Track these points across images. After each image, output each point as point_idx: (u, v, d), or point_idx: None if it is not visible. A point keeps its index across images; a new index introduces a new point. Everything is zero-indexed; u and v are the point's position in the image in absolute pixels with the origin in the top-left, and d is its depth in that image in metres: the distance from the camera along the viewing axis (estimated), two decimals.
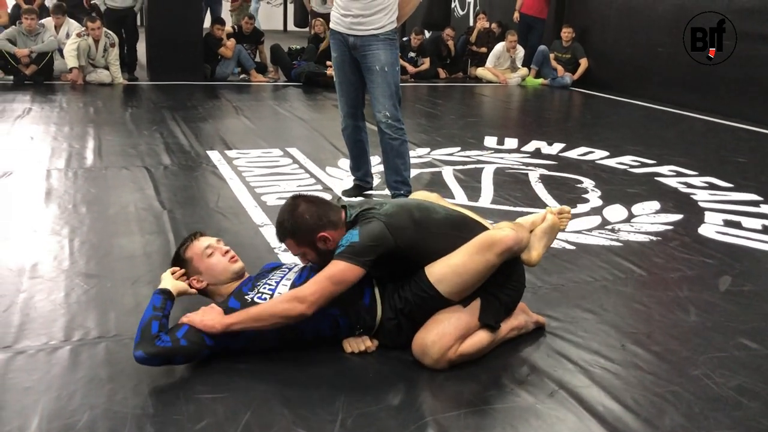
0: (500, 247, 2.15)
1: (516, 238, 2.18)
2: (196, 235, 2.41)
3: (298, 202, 2.28)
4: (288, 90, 8.41)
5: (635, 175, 4.80)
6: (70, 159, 4.62)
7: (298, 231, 2.24)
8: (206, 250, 2.32)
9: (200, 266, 2.31)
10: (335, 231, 2.24)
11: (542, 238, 2.50)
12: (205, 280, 2.31)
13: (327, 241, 2.23)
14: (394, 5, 3.64)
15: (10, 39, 7.65)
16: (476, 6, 11.82)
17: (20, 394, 1.96)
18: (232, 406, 1.94)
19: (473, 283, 2.20)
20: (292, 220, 2.25)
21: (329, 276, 2.10)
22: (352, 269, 2.11)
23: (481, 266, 2.17)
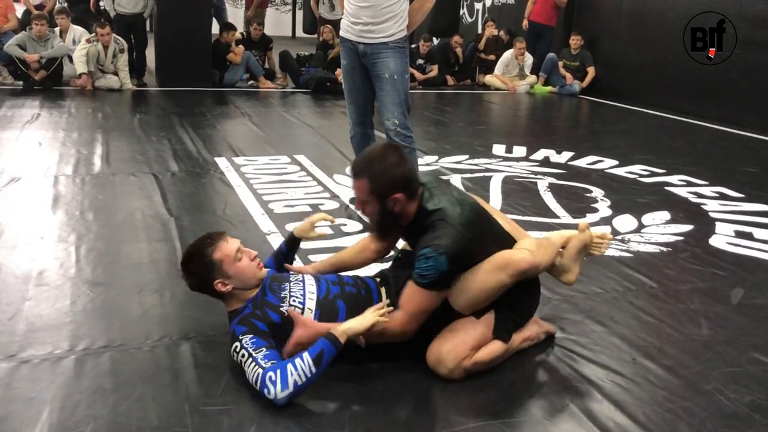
0: (514, 269, 2.13)
1: (531, 261, 2.15)
2: (222, 235, 2.26)
3: (393, 150, 2.17)
4: (296, 97, 8.42)
5: (645, 184, 4.76)
6: (78, 165, 4.62)
7: (381, 178, 2.11)
8: (237, 253, 2.20)
9: (230, 270, 2.17)
10: (408, 201, 2.16)
11: (577, 259, 2.42)
12: (231, 284, 2.19)
13: (396, 204, 2.14)
14: (405, 13, 3.63)
15: (20, 44, 7.69)
16: (485, 13, 11.81)
17: (24, 405, 1.95)
18: (238, 418, 1.92)
19: (484, 300, 2.18)
20: (382, 164, 2.13)
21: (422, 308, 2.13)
22: (439, 296, 2.14)
23: (493, 284, 2.14)
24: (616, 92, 9.05)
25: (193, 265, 2.21)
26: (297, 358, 1.96)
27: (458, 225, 2.12)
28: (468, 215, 2.17)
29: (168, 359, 2.21)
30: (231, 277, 2.18)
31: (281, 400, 1.93)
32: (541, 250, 2.26)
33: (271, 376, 1.94)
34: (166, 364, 2.19)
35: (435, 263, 2.06)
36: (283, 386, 1.93)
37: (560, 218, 3.87)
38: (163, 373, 2.14)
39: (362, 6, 3.58)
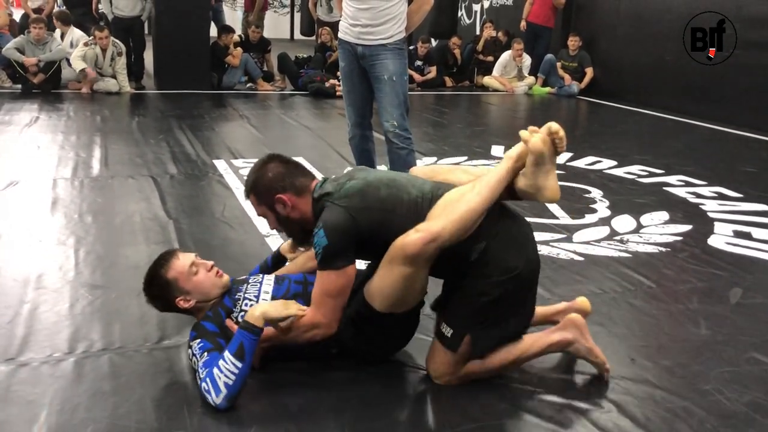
0: (406, 256, 1.93)
1: (422, 239, 1.91)
2: (172, 253, 2.25)
3: (269, 159, 2.20)
4: (295, 99, 8.42)
5: (643, 184, 4.76)
6: (76, 168, 4.62)
7: (258, 187, 2.15)
8: (191, 267, 2.18)
9: (187, 285, 2.17)
10: (297, 197, 2.12)
11: (540, 171, 2.05)
12: (192, 299, 2.19)
13: (285, 206, 2.12)
14: (403, 15, 3.63)
15: (18, 48, 7.69)
16: (483, 15, 11.82)
17: (24, 408, 1.95)
18: (237, 420, 1.92)
19: (405, 295, 2.02)
20: (255, 175, 2.16)
21: (325, 292, 2.03)
22: (339, 275, 2.01)
23: (397, 278, 1.97)
24: (615, 93, 9.06)
25: (152, 289, 2.22)
26: (220, 360, 1.94)
27: (336, 199, 2.05)
28: (351, 187, 2.07)
29: (167, 361, 2.21)
30: (190, 292, 2.18)
31: (221, 405, 1.92)
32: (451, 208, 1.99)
33: (204, 385, 1.94)
34: (165, 367, 2.19)
35: (317, 240, 2.00)
36: (217, 392, 1.92)
37: (559, 219, 3.88)
38: (162, 375, 2.14)
39: (361, 8, 3.59)
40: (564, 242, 3.49)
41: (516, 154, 2.08)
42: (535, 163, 2.03)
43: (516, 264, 2.05)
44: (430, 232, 1.92)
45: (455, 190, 2.07)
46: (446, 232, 1.94)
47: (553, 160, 2.06)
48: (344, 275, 2.02)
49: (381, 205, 2.05)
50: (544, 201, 2.13)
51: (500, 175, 2.06)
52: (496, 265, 2.03)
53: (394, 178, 2.16)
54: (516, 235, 2.11)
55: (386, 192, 2.08)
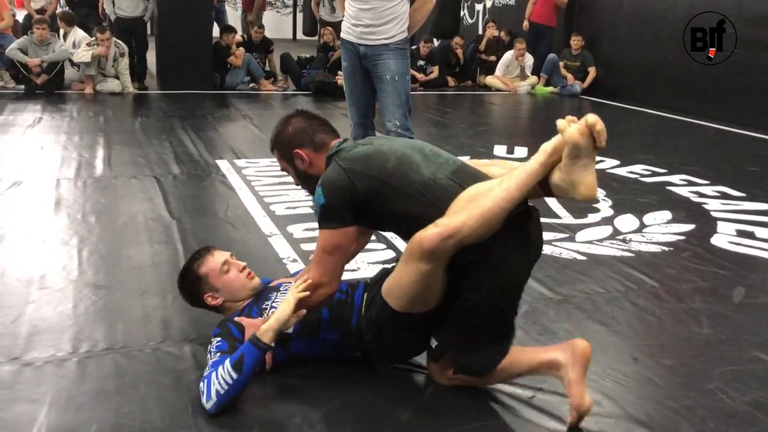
0: (422, 252, 1.85)
1: (438, 235, 1.82)
2: (209, 249, 2.31)
3: (295, 114, 2.21)
4: (297, 99, 8.43)
5: (646, 184, 4.76)
6: (79, 168, 4.63)
7: (279, 141, 2.18)
8: (223, 266, 2.23)
9: (216, 283, 2.23)
10: (315, 153, 2.12)
11: (577, 165, 1.85)
12: (221, 297, 2.23)
13: (303, 161, 2.13)
14: (405, 15, 3.64)
15: (21, 49, 7.70)
16: (485, 14, 11.82)
17: (28, 407, 1.95)
18: (240, 421, 1.92)
19: (422, 293, 1.94)
20: (278, 129, 2.19)
21: (322, 249, 2.00)
22: (335, 234, 1.98)
23: (416, 276, 1.90)
24: (617, 92, 9.05)
25: (184, 282, 2.29)
26: (220, 366, 1.93)
27: (341, 160, 2.02)
28: (360, 151, 2.04)
29: (170, 361, 2.22)
30: (219, 289, 2.23)
31: (210, 410, 1.91)
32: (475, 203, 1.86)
33: (201, 386, 1.95)
34: (168, 366, 2.19)
35: (315, 198, 2.00)
36: (208, 397, 1.91)
37: (562, 218, 3.88)
38: (165, 375, 2.15)
39: (363, 8, 3.59)
40: (567, 242, 3.49)
41: (552, 147, 1.88)
42: (572, 156, 1.83)
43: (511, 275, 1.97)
44: (449, 227, 1.83)
45: (482, 184, 1.93)
46: (467, 228, 1.83)
47: (593, 154, 1.85)
48: (340, 234, 1.98)
49: (383, 176, 1.98)
50: (581, 198, 1.88)
51: (532, 169, 1.89)
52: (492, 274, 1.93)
53: (408, 154, 2.04)
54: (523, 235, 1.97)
55: (394, 165, 2.00)
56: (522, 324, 2.56)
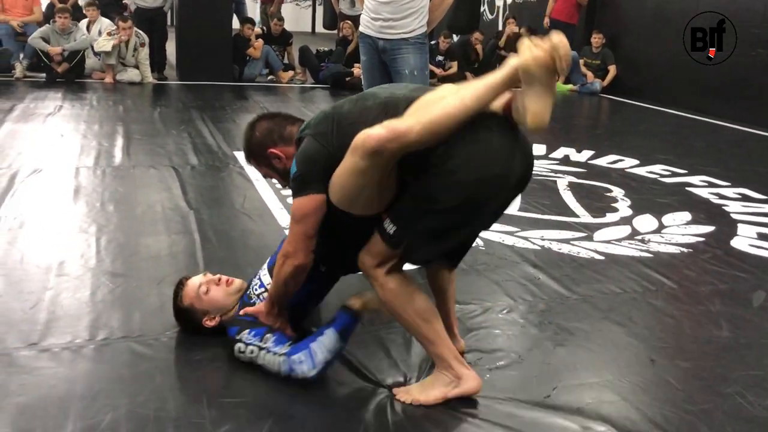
0: (364, 150, 1.76)
1: (381, 136, 1.72)
2: (181, 282, 2.31)
3: (256, 120, 2.22)
4: (315, 92, 8.43)
5: (666, 184, 4.71)
6: (98, 157, 4.66)
7: (251, 149, 2.20)
8: (200, 289, 2.24)
9: (203, 306, 2.25)
10: (287, 146, 2.13)
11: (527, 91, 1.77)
12: (215, 315, 2.25)
13: (279, 159, 2.15)
14: (425, 9, 3.61)
15: (43, 37, 7.77)
16: (505, 10, 11.75)
17: (45, 392, 1.97)
18: (255, 411, 1.93)
19: (356, 191, 1.85)
20: (246, 138, 2.20)
21: (293, 218, 2.00)
22: (305, 201, 1.94)
23: (352, 170, 1.82)
24: (638, 91, 8.97)
25: (181, 322, 2.31)
26: (320, 336, 2.00)
27: (306, 132, 2.00)
28: (317, 116, 2.02)
29: (186, 351, 2.23)
30: (209, 310, 2.25)
31: (314, 377, 1.99)
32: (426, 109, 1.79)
33: (296, 359, 1.99)
34: (184, 356, 2.20)
35: (291, 172, 1.99)
36: (311, 365, 1.98)
37: (580, 217, 3.85)
38: (181, 364, 2.16)
39: (383, 2, 3.57)
40: (585, 241, 3.47)
41: (516, 63, 1.76)
42: (526, 80, 1.74)
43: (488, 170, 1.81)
44: (395, 130, 1.74)
45: (436, 91, 1.87)
46: (413, 133, 1.73)
47: (550, 82, 1.74)
48: (310, 200, 1.94)
49: (346, 120, 1.92)
50: (529, 127, 1.78)
51: (491, 82, 1.79)
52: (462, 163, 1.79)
53: (365, 93, 2.04)
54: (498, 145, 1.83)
55: (349, 106, 1.98)
56: (537, 322, 2.55)
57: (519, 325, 2.53)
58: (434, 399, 1.99)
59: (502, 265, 3.09)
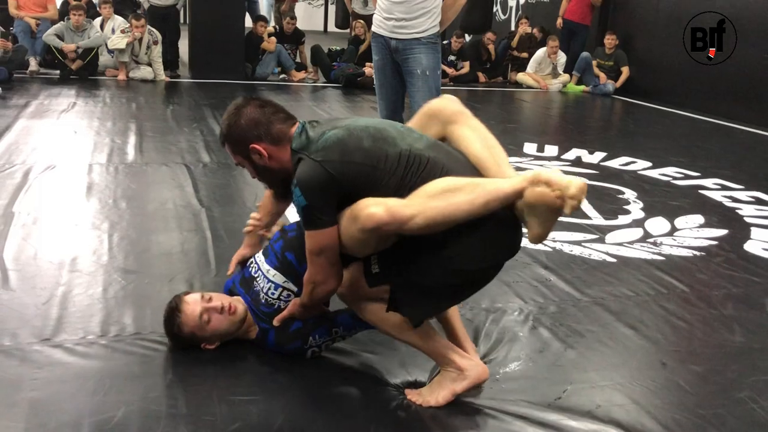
0: (362, 225, 1.77)
1: (380, 220, 1.74)
2: (177, 308, 2.12)
3: (246, 102, 2.00)
4: (327, 91, 8.43)
5: (678, 187, 4.69)
6: (111, 154, 4.69)
7: (232, 135, 1.98)
8: (202, 318, 2.10)
9: (205, 334, 2.14)
10: (275, 146, 1.95)
11: (534, 215, 1.81)
12: (215, 341, 2.18)
13: (261, 156, 1.96)
14: (438, 9, 3.61)
15: (57, 34, 7.82)
16: (518, 11, 11.72)
17: (58, 387, 1.98)
18: (266, 409, 1.93)
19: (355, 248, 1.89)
20: (228, 121, 1.99)
21: (310, 251, 1.90)
22: (321, 237, 1.86)
23: (349, 236, 1.84)
24: (651, 93, 8.92)
25: (177, 345, 2.20)
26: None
27: (313, 152, 1.87)
28: (330, 137, 1.88)
29: (197, 348, 2.22)
30: (210, 338, 2.16)
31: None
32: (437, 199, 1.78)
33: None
34: (195, 354, 2.20)
35: (295, 199, 1.86)
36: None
37: (591, 219, 3.83)
38: (192, 362, 2.16)
39: (396, 2, 3.57)
40: (596, 243, 3.45)
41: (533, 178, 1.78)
42: (530, 212, 1.80)
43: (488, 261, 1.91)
44: (396, 216, 1.75)
45: (454, 180, 1.82)
46: (414, 223, 1.76)
47: (553, 218, 1.80)
48: (325, 235, 1.86)
49: (363, 159, 1.85)
50: (528, 238, 1.87)
51: (505, 193, 1.79)
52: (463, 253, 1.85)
53: (383, 128, 1.94)
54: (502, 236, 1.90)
55: (370, 144, 1.87)
56: (549, 324, 2.54)
57: (530, 327, 2.52)
58: (444, 399, 1.98)
59: (513, 266, 3.08)
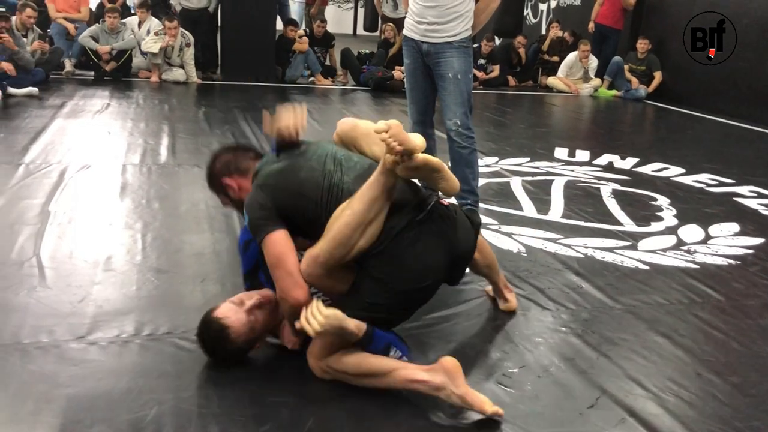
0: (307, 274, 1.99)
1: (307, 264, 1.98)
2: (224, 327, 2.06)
3: (219, 151, 2.38)
4: (356, 94, 8.46)
5: (713, 194, 4.61)
6: (144, 155, 4.75)
7: (211, 178, 2.33)
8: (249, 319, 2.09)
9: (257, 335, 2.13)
10: (243, 178, 2.25)
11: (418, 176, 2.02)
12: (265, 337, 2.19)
13: (232, 189, 2.27)
14: (470, 13, 3.60)
15: (93, 36, 7.96)
16: (549, 14, 11.64)
17: (93, 384, 2.01)
18: (297, 410, 1.94)
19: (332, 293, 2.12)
20: (208, 167, 2.35)
21: (269, 265, 2.03)
22: (267, 244, 2.01)
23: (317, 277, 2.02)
24: (684, 98, 8.80)
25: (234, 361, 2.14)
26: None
27: (258, 179, 2.15)
28: (273, 169, 2.14)
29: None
30: (260, 335, 2.15)
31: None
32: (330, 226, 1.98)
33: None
34: None
35: (245, 220, 2.11)
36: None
37: (624, 226, 3.79)
38: None
39: (428, 6, 3.56)
40: (629, 250, 3.41)
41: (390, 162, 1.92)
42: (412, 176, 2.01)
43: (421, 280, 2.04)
44: (309, 256, 1.98)
45: (341, 206, 2.01)
46: (324, 253, 1.96)
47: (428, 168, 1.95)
48: (271, 243, 2.01)
49: (297, 189, 2.08)
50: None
51: (369, 182, 1.96)
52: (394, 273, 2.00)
53: (321, 159, 2.14)
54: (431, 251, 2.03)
55: (306, 175, 2.10)
56: (581, 332, 2.52)
57: (561, 334, 2.50)
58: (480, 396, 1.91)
59: (545, 272, 3.06)
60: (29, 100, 6.46)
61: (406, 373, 1.97)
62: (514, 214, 3.89)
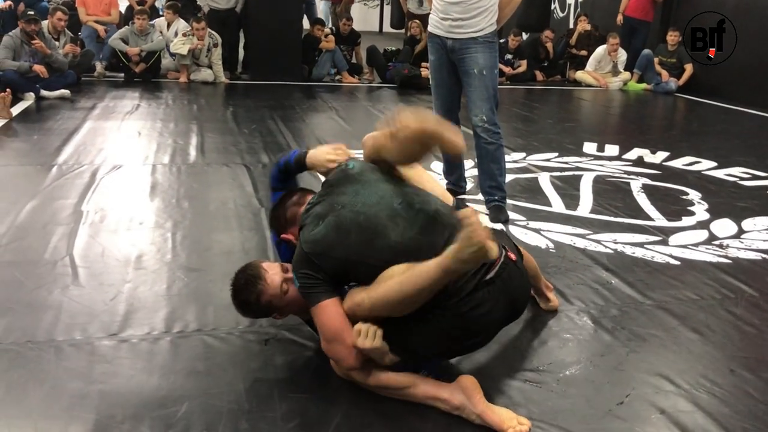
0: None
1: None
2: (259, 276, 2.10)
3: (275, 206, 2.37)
4: (382, 91, 8.46)
5: (746, 188, 4.52)
6: (174, 155, 4.81)
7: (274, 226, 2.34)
8: (282, 287, 2.08)
9: (281, 304, 2.12)
10: (295, 227, 2.19)
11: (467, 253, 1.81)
12: (287, 314, 2.19)
13: (289, 242, 2.23)
14: (494, 8, 3.58)
15: (122, 38, 8.07)
16: (577, 8, 11.52)
17: (124, 381, 2.05)
18: (325, 407, 1.95)
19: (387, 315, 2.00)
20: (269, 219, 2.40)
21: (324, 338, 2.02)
22: (318, 312, 1.99)
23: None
24: (715, 90, 8.64)
25: (248, 313, 2.19)
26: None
27: (303, 242, 2.03)
28: (318, 233, 2.02)
29: (258, 345, 2.27)
30: (283, 309, 2.15)
31: None
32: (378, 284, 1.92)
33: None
34: (255, 350, 2.25)
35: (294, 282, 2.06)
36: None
37: (654, 221, 3.74)
38: (253, 358, 2.20)
39: (452, 2, 3.55)
40: (659, 245, 3.36)
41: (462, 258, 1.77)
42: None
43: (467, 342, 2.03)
44: (353, 302, 1.96)
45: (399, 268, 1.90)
46: (368, 304, 1.91)
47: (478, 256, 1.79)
48: (325, 314, 1.97)
49: (345, 255, 1.98)
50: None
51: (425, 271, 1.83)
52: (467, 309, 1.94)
53: (372, 217, 2.01)
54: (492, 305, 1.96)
55: (356, 238, 1.99)
56: (610, 328, 2.49)
57: (591, 330, 2.48)
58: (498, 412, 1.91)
59: (573, 268, 3.03)
60: (62, 102, 6.59)
61: (425, 389, 1.97)
62: (542, 210, 3.87)
